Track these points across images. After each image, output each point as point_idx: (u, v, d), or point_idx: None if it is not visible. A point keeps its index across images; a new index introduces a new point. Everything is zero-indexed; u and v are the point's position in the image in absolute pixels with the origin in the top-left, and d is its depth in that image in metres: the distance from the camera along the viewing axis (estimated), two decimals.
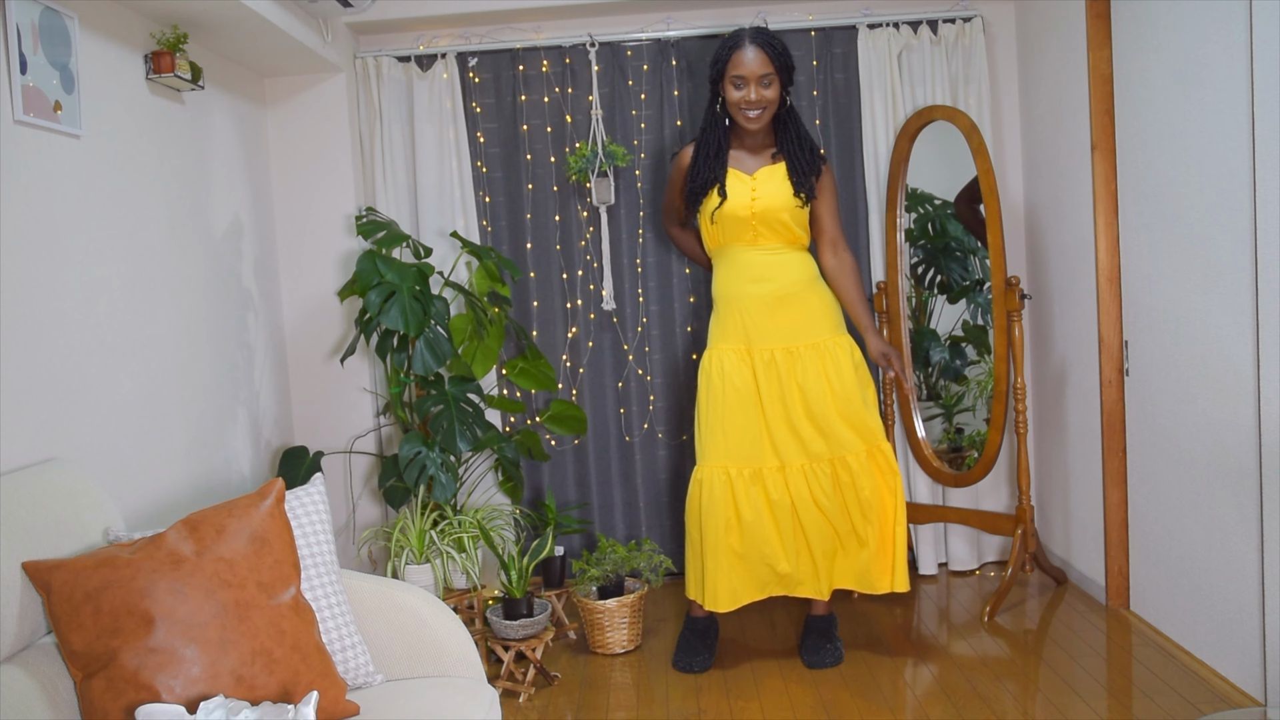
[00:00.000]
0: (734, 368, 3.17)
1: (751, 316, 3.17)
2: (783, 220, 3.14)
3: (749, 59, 3.05)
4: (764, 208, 3.13)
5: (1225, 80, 2.63)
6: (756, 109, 3.09)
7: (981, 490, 3.93)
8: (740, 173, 3.17)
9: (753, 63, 3.05)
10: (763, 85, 3.07)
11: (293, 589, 1.98)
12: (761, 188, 3.14)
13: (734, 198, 3.13)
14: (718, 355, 3.20)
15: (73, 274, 2.42)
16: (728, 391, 3.16)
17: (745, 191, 3.13)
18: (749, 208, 3.13)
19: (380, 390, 3.87)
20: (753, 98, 3.07)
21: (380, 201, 3.87)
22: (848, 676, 3.09)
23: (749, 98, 3.07)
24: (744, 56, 3.05)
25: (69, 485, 2.03)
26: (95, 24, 2.61)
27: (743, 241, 3.18)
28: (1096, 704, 2.79)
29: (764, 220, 3.14)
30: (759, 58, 3.05)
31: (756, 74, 3.05)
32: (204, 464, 3.04)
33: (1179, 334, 2.94)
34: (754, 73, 3.05)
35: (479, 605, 3.24)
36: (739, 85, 3.07)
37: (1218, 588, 2.83)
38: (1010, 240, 3.89)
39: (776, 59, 3.07)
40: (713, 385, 3.18)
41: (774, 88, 3.09)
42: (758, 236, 3.16)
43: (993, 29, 3.97)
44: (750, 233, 3.15)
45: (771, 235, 3.16)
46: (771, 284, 3.16)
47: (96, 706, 1.75)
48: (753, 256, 3.18)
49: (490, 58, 3.91)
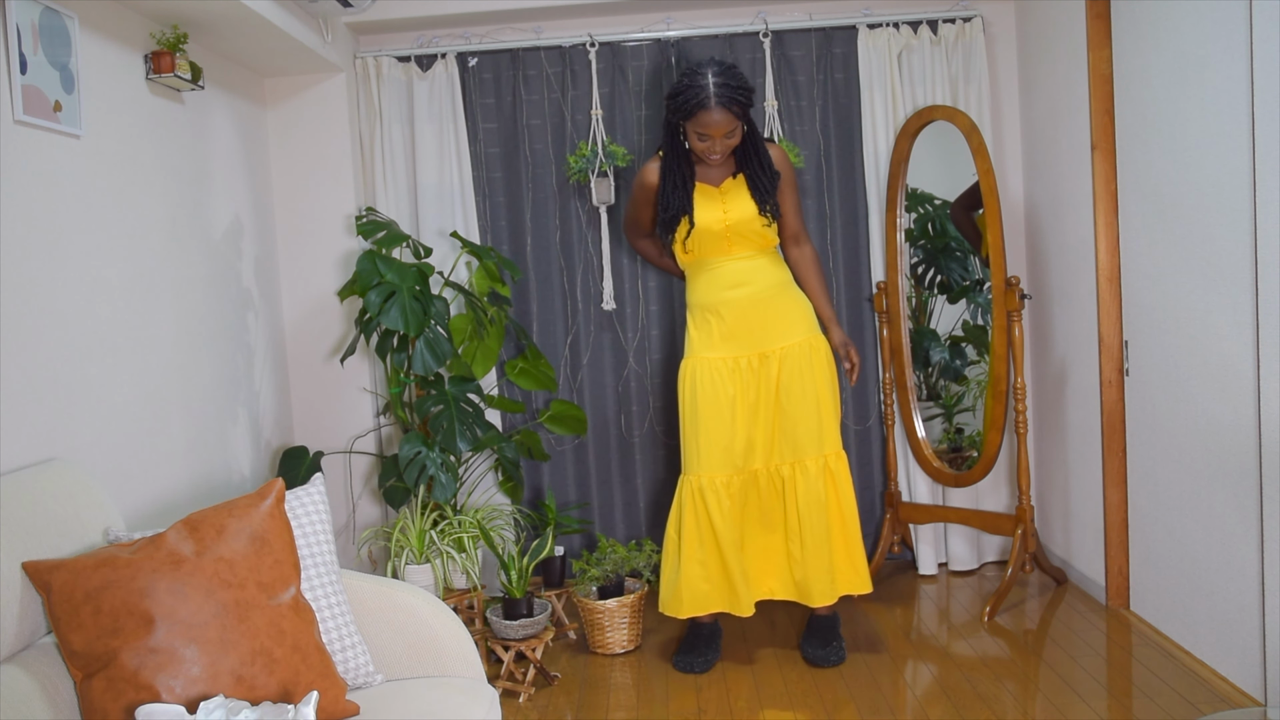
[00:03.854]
0: (715, 375, 3.17)
1: (730, 321, 3.17)
2: (754, 229, 3.16)
3: (715, 121, 2.98)
4: (736, 220, 3.13)
5: (1225, 80, 2.63)
6: (719, 155, 3.07)
7: (981, 490, 3.93)
8: (708, 186, 3.17)
9: (718, 124, 2.98)
10: (727, 137, 3.03)
11: (293, 589, 1.98)
12: (730, 202, 3.14)
13: (706, 215, 3.12)
14: (697, 364, 3.20)
15: (73, 274, 2.42)
16: (709, 399, 3.16)
17: (716, 208, 3.14)
18: (722, 222, 3.13)
19: (380, 390, 3.87)
20: (717, 150, 3.05)
21: (380, 201, 3.87)
22: (848, 676, 3.09)
23: (714, 150, 3.05)
24: (710, 118, 2.97)
25: (69, 485, 2.03)
26: (95, 24, 2.61)
27: (718, 253, 3.18)
28: (1096, 704, 2.79)
29: (736, 232, 3.15)
30: (725, 118, 2.97)
31: (722, 130, 3.00)
32: (204, 464, 3.04)
33: (1179, 334, 2.94)
34: (720, 130, 3.00)
35: (479, 605, 3.24)
36: (703, 138, 3.03)
37: (1218, 588, 2.83)
38: (1010, 240, 3.89)
39: (742, 114, 3.01)
40: (698, 394, 3.18)
41: (737, 134, 3.06)
42: (731, 246, 3.17)
43: (993, 29, 3.97)
44: (725, 244, 3.16)
45: (744, 244, 3.18)
46: (748, 288, 3.17)
47: (96, 706, 1.75)
48: (728, 265, 3.18)
49: (490, 58, 3.91)
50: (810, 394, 3.17)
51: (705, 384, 3.17)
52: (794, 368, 3.17)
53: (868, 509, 4.06)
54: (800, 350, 3.18)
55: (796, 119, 3.92)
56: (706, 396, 3.16)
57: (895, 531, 3.93)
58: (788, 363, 3.18)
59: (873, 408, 4.04)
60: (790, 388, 3.17)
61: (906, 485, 3.96)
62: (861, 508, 4.06)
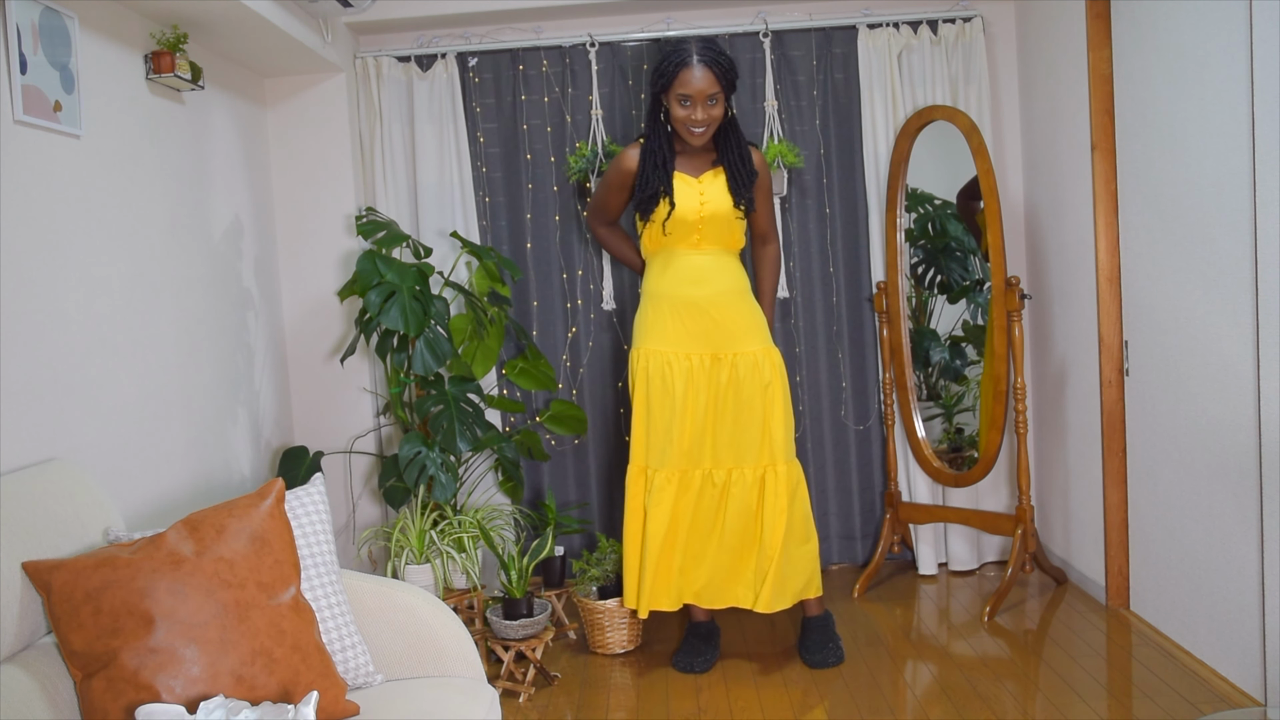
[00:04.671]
0: (666, 369, 3.16)
1: (685, 319, 3.16)
2: (729, 223, 3.15)
3: (696, 78, 2.97)
4: (711, 212, 3.12)
5: (1225, 80, 2.63)
6: (702, 127, 3.04)
7: (981, 490, 3.93)
8: (687, 176, 3.15)
9: (700, 81, 2.98)
10: (709, 104, 3.01)
11: (293, 589, 1.98)
12: (709, 192, 3.14)
13: (683, 203, 3.11)
14: (648, 355, 3.19)
15: (73, 274, 2.42)
16: (661, 393, 3.16)
17: (694, 196, 3.12)
18: (698, 212, 3.12)
19: (380, 390, 3.87)
20: (698, 117, 3.02)
21: (380, 201, 3.87)
22: (848, 676, 3.09)
23: (695, 117, 3.02)
24: (691, 75, 2.97)
25: (69, 485, 2.03)
26: (95, 24, 2.61)
27: (686, 244, 3.16)
28: (1096, 704, 2.79)
29: (710, 224, 3.13)
30: (706, 77, 2.97)
31: (704, 93, 2.99)
32: (204, 464, 3.04)
33: (1179, 334, 2.94)
34: (701, 92, 2.98)
35: (479, 605, 3.24)
36: (684, 103, 3.01)
37: (1218, 588, 2.83)
38: (1010, 240, 3.89)
39: (723, 76, 3.00)
40: (650, 386, 3.17)
41: (719, 105, 3.04)
42: (701, 240, 3.15)
43: (993, 29, 3.97)
44: (695, 235, 3.15)
45: (714, 239, 3.16)
46: (708, 288, 3.16)
47: (96, 706, 1.75)
48: (692, 259, 3.17)
49: (490, 58, 3.91)
50: (757, 404, 3.15)
51: (656, 378, 3.16)
52: (744, 375, 3.15)
53: (868, 509, 4.07)
54: (752, 359, 3.16)
55: (796, 119, 3.93)
56: (657, 389, 3.16)
57: (895, 531, 3.93)
58: (739, 369, 3.15)
59: (873, 408, 4.04)
60: (740, 394, 3.15)
61: (906, 485, 3.96)
62: (862, 508, 4.06)
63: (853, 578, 3.95)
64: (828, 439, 4.03)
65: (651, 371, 3.17)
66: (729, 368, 3.16)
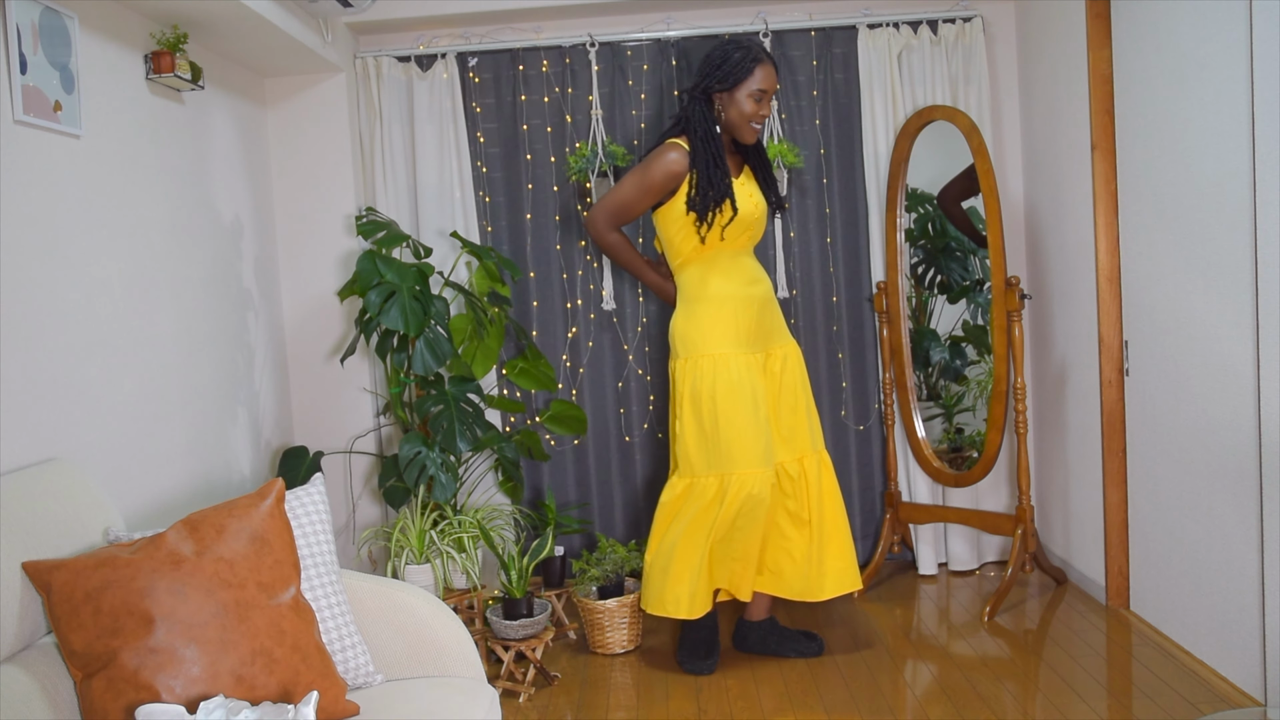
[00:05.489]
0: (742, 371, 3.10)
1: (745, 318, 3.15)
2: (764, 223, 3.23)
3: (771, 75, 3.08)
4: (762, 212, 3.19)
5: (1225, 80, 2.63)
6: (762, 123, 3.12)
7: (981, 490, 3.93)
8: (737, 178, 3.19)
9: (772, 77, 3.08)
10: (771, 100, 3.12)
11: (293, 589, 1.98)
12: (755, 193, 3.19)
13: (743, 204, 3.12)
14: (715, 360, 3.09)
15: (73, 274, 2.42)
16: (747, 396, 3.08)
17: (747, 197, 3.14)
18: (753, 214, 3.14)
19: (380, 390, 3.87)
20: (765, 113, 3.10)
21: (380, 201, 3.87)
22: (848, 676, 3.09)
23: (763, 112, 3.10)
24: (768, 71, 3.07)
25: (69, 485, 2.03)
26: (95, 24, 2.61)
27: (736, 246, 3.15)
28: (1096, 704, 2.79)
29: (760, 224, 3.19)
30: (774, 73, 3.09)
31: (773, 89, 3.10)
32: (204, 464, 3.04)
33: (1179, 334, 2.94)
34: (773, 87, 3.09)
35: (479, 605, 3.24)
36: (759, 99, 3.07)
37: (1218, 588, 2.83)
38: (1010, 240, 3.89)
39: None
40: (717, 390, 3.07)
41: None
42: (750, 240, 3.19)
43: (993, 29, 3.97)
44: (748, 235, 3.17)
45: (756, 238, 3.22)
46: (760, 286, 3.20)
47: (96, 706, 1.75)
48: (743, 260, 3.19)
49: (490, 58, 3.91)
50: (803, 396, 3.26)
51: (724, 382, 3.07)
52: (790, 369, 3.24)
53: (868, 509, 4.06)
54: (794, 353, 3.28)
55: (796, 119, 3.93)
56: (726, 393, 3.06)
57: (895, 531, 3.93)
58: (788, 363, 3.24)
59: (873, 408, 4.04)
60: (793, 389, 3.23)
61: (906, 485, 3.96)
62: (862, 508, 4.06)
63: None
64: (828, 439, 4.03)
65: (719, 376, 3.07)
66: (780, 360, 3.22)
